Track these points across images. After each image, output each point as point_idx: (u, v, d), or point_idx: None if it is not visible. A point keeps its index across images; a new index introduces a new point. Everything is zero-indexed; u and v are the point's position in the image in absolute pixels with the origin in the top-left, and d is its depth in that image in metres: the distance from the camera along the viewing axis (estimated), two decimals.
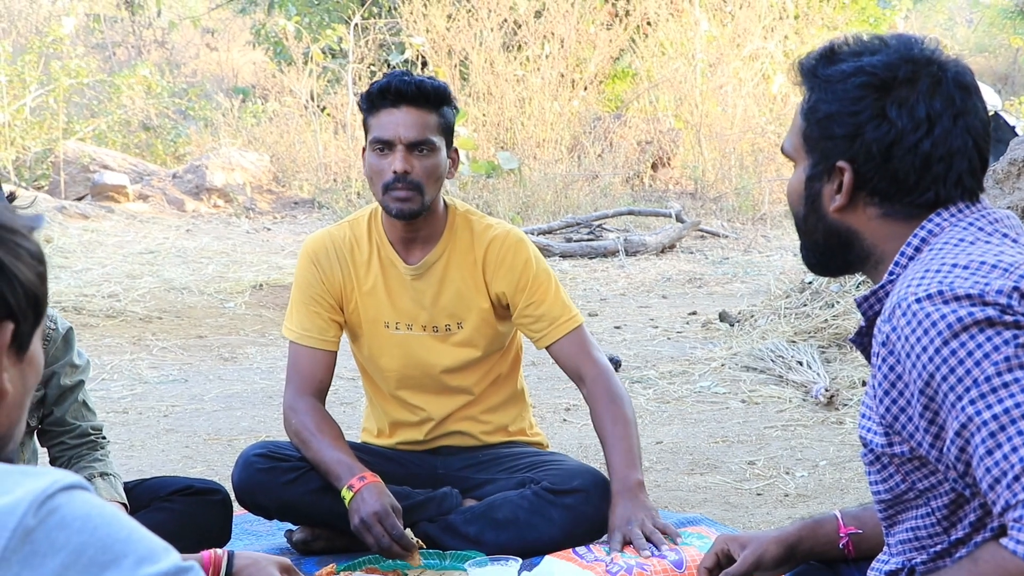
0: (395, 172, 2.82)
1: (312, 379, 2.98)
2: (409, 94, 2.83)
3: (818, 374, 5.02)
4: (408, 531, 2.76)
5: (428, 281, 2.97)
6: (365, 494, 2.74)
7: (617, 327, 6.62)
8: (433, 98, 2.86)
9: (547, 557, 2.55)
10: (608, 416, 2.88)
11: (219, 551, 2.07)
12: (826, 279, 5.98)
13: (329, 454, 2.85)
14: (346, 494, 2.77)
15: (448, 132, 2.91)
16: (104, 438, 2.80)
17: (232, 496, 3.01)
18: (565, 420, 4.65)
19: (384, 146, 2.84)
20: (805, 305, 6.06)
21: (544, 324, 2.96)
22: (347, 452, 2.87)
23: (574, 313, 2.99)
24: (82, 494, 0.94)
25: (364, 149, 2.93)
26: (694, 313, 6.93)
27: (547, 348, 2.99)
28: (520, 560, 2.49)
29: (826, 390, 4.73)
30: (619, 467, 2.81)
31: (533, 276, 2.96)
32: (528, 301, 2.96)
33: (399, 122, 2.83)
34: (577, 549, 2.67)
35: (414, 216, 2.89)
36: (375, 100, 2.86)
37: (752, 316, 6.26)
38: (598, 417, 2.90)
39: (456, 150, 2.96)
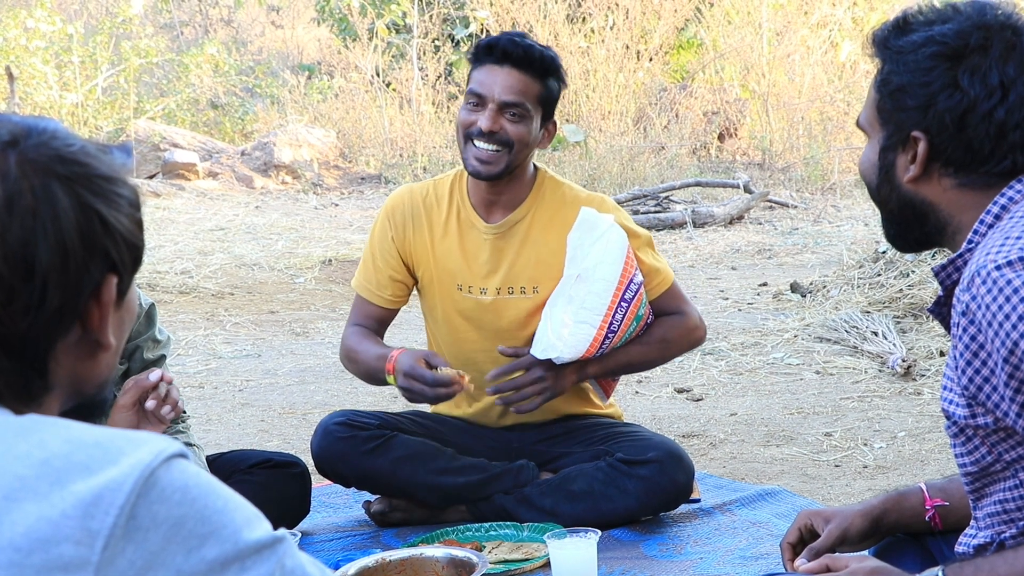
0: (481, 129, 2.80)
1: (367, 323, 3.03)
2: (515, 55, 2.79)
3: (894, 344, 4.94)
4: (443, 369, 2.72)
5: (509, 241, 2.94)
6: (397, 366, 2.76)
7: None
8: (539, 66, 2.82)
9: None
10: (665, 324, 2.96)
11: None
12: None
13: (369, 355, 2.88)
14: (391, 380, 2.79)
15: (548, 104, 2.86)
16: (185, 411, 2.83)
17: (311, 467, 3.04)
18: (637, 392, 4.63)
19: (477, 100, 2.82)
20: (879, 275, 5.97)
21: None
22: (381, 344, 2.92)
23: (666, 271, 2.98)
24: (179, 463, 0.94)
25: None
26: (764, 284, 6.87)
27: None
28: (599, 532, 2.48)
29: (903, 360, 4.65)
30: (617, 350, 2.91)
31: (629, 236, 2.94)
32: None
33: (497, 80, 2.80)
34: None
35: (492, 179, 2.86)
36: (482, 54, 2.83)
37: (824, 287, 6.18)
38: (658, 321, 2.96)
39: (554, 123, 2.92)
